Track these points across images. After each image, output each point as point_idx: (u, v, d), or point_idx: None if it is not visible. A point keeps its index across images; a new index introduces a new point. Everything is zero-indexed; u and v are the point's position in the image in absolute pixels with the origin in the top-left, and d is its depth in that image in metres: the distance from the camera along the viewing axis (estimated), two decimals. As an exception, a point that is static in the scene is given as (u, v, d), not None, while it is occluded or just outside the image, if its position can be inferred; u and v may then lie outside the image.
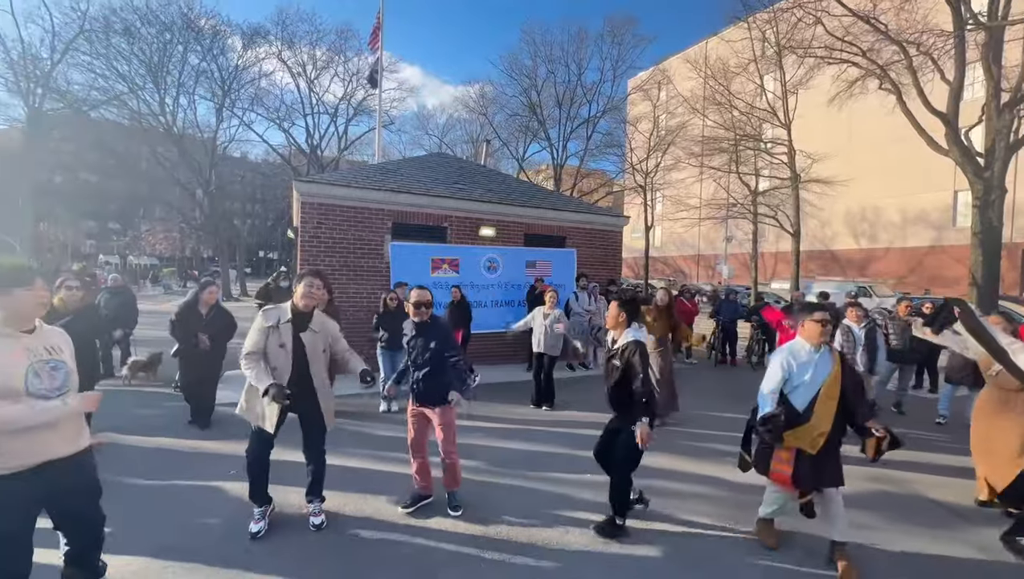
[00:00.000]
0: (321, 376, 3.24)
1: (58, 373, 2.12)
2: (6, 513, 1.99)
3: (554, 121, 29.26)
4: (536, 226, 9.76)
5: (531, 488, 4.00)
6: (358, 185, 8.13)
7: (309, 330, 3.17)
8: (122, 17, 21.29)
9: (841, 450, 3.05)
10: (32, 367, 2.04)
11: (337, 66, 27.24)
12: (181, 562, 2.85)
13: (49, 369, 2.09)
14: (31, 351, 2.06)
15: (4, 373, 1.95)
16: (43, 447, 2.06)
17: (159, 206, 30.03)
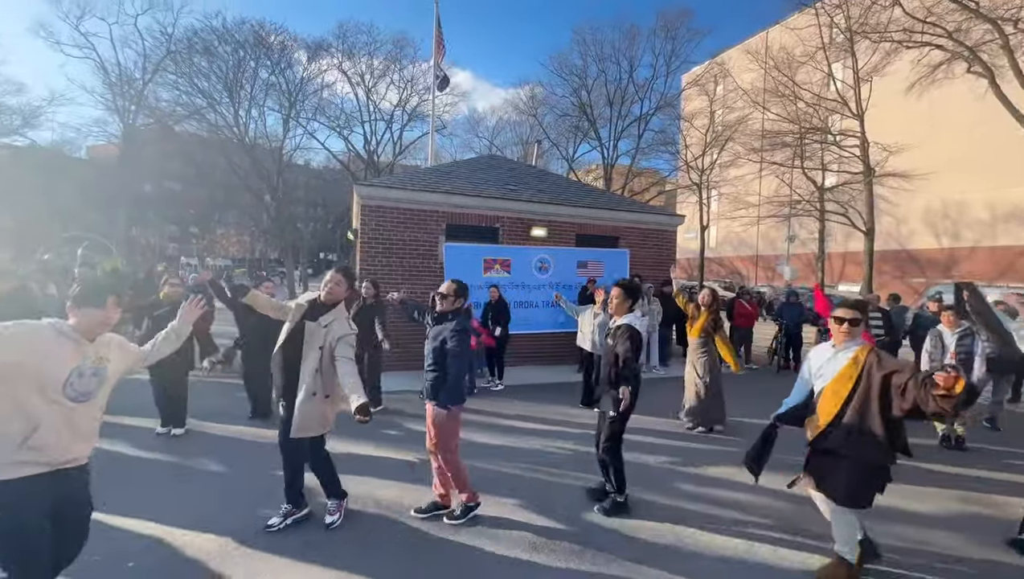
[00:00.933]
0: (310, 375, 3.04)
1: (95, 379, 2.20)
2: (35, 508, 2.01)
3: (604, 120, 28.87)
4: (588, 226, 9.68)
5: (578, 487, 3.99)
6: (413, 188, 8.40)
7: (317, 322, 3.12)
8: (203, 38, 23.22)
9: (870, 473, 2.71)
10: (78, 369, 2.14)
11: (393, 74, 28.25)
12: (249, 547, 3.06)
13: (90, 374, 2.18)
14: (84, 356, 2.18)
15: (56, 368, 2.07)
16: (67, 448, 2.10)
17: (232, 211, 32.43)
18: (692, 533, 3.34)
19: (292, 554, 2.97)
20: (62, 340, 2.13)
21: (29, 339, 2.03)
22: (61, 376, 2.07)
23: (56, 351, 2.08)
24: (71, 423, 2.10)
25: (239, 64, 23.58)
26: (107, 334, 2.32)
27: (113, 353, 2.32)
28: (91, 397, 2.19)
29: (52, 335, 2.10)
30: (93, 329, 2.22)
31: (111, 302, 2.22)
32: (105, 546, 2.89)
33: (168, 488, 3.85)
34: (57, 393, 2.05)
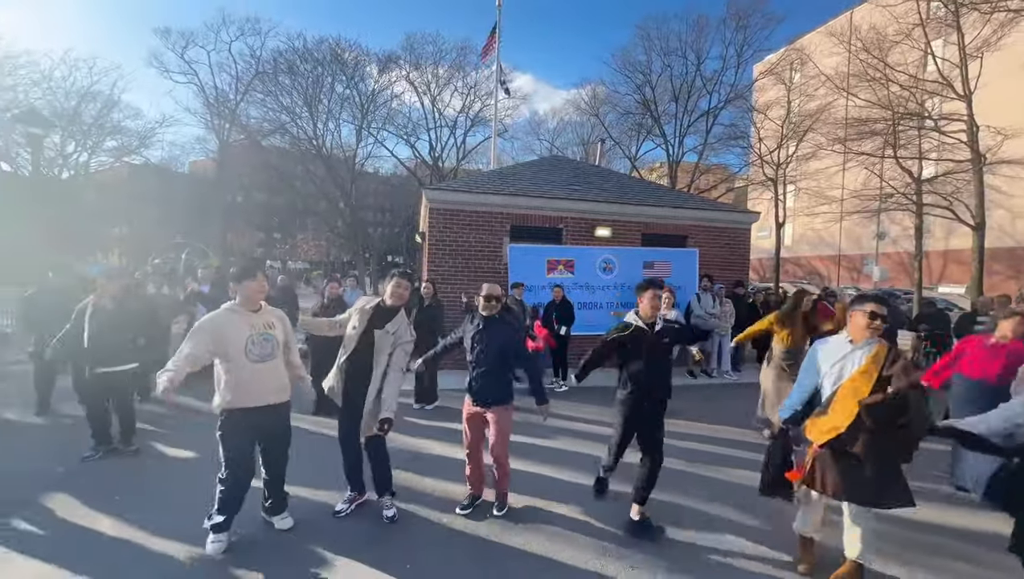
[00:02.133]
0: (379, 378, 3.21)
1: (268, 343, 3.00)
2: (240, 435, 2.95)
3: (669, 116, 27.96)
4: (654, 225, 9.44)
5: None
6: (479, 190, 8.62)
7: (384, 329, 3.24)
8: (286, 58, 25.23)
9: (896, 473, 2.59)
10: (252, 337, 2.93)
11: (456, 81, 29.09)
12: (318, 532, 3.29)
13: (262, 340, 2.97)
14: (253, 326, 2.96)
15: (236, 338, 2.88)
16: (261, 394, 2.96)
17: (310, 218, 34.86)
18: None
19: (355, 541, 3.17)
20: (234, 317, 2.93)
21: (215, 324, 2.87)
22: (241, 344, 2.88)
23: (234, 325, 2.90)
24: (261, 377, 2.94)
25: (318, 80, 25.39)
26: (268, 307, 3.06)
27: (276, 322, 3.08)
28: (271, 357, 2.98)
29: (227, 315, 2.93)
30: (253, 299, 2.98)
31: (260, 275, 3.01)
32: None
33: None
34: (242, 356, 2.87)
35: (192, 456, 4.49)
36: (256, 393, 2.94)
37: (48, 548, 2.98)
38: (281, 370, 3.08)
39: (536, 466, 4.38)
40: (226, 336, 2.86)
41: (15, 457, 4.30)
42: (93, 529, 3.21)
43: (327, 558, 2.95)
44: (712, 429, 5.51)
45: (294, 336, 3.29)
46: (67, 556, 2.91)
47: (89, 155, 25.83)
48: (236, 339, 2.88)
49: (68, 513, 3.40)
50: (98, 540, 3.09)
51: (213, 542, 2.94)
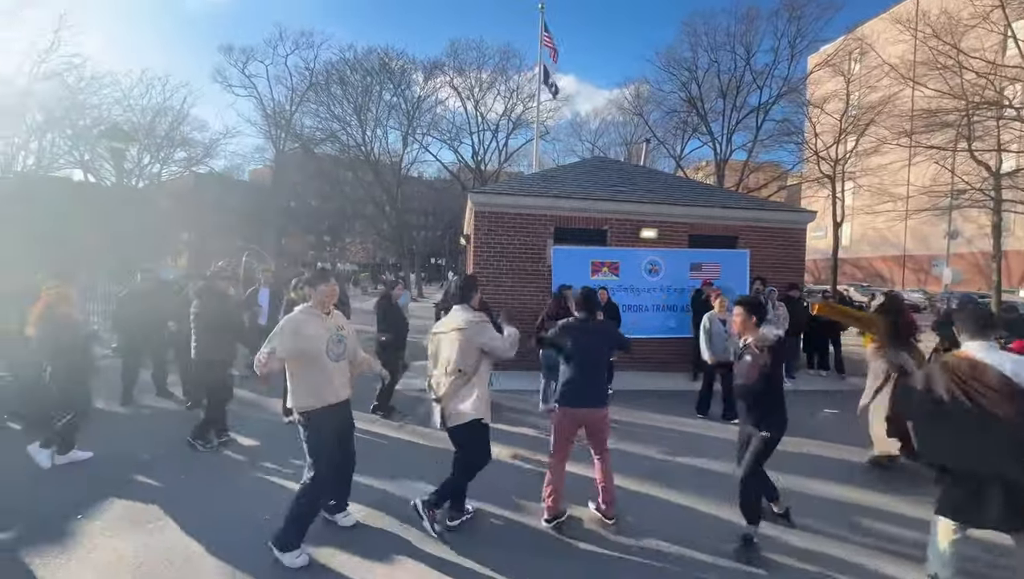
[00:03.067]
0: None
1: (342, 344, 3.16)
2: (326, 433, 3.09)
3: (716, 113, 27.15)
4: (702, 226, 9.20)
5: (686, 506, 3.83)
6: (523, 193, 8.71)
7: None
8: (338, 69, 26.42)
9: None
10: (330, 338, 3.08)
11: (499, 85, 29.44)
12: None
13: (337, 341, 3.12)
14: (328, 328, 3.10)
15: (317, 340, 3.02)
16: (338, 392, 3.12)
17: (358, 222, 36.20)
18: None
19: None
20: (311, 319, 3.07)
21: (295, 327, 3.00)
22: (321, 345, 3.02)
23: (313, 326, 3.04)
24: (337, 375, 3.12)
25: (367, 89, 26.44)
26: (335, 312, 3.23)
27: (344, 324, 3.26)
28: (344, 357, 3.18)
29: (305, 317, 3.07)
30: (325, 302, 3.13)
31: (332, 280, 3.21)
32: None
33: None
34: (323, 356, 3.02)
35: (255, 445, 4.81)
36: (335, 390, 3.12)
37: (135, 528, 3.29)
38: (347, 369, 3.27)
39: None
40: (308, 336, 3.00)
41: (104, 443, 4.73)
42: (173, 512, 3.50)
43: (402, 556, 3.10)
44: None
45: (356, 336, 3.43)
46: (155, 536, 3.21)
47: (161, 166, 27.97)
48: (317, 339, 3.02)
49: (152, 496, 3.73)
50: (178, 521, 3.38)
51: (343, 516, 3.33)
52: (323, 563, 2.92)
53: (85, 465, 4.22)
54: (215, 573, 2.82)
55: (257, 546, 2.99)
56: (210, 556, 2.98)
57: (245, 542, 3.10)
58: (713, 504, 3.72)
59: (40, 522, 3.27)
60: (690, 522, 3.51)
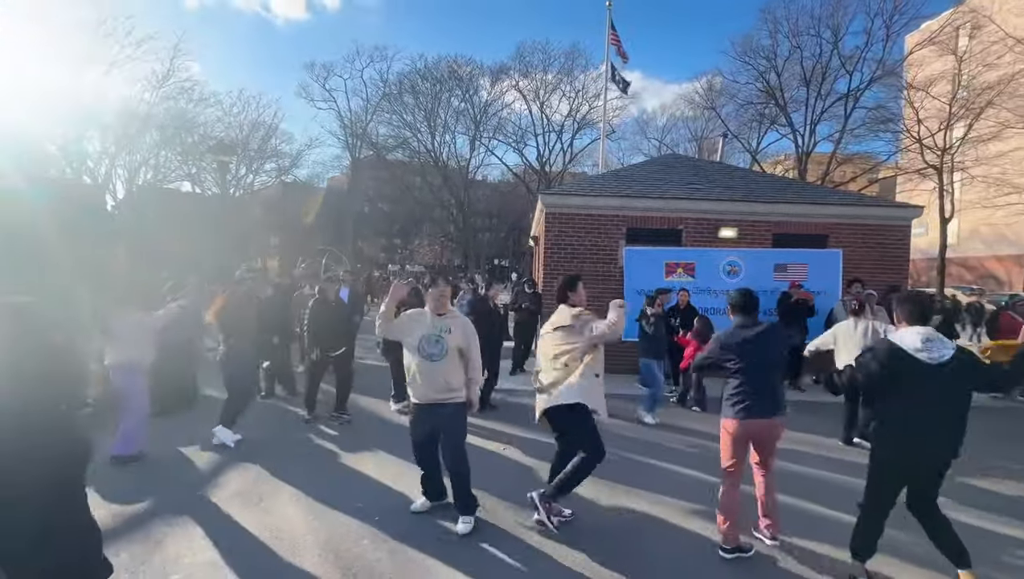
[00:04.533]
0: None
1: (439, 345, 3.22)
2: (419, 426, 3.34)
3: (798, 103, 25.36)
4: (788, 224, 8.60)
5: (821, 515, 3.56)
6: (594, 193, 8.60)
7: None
8: (409, 79, 27.67)
9: None
10: (426, 336, 3.22)
11: (564, 85, 29.37)
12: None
13: (435, 340, 3.23)
14: (433, 327, 3.26)
15: (415, 334, 3.24)
16: (427, 391, 3.23)
17: (426, 225, 37.62)
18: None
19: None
20: (422, 316, 3.31)
21: (407, 318, 3.35)
22: (416, 339, 3.22)
23: (418, 323, 3.28)
24: (430, 374, 3.20)
25: (436, 96, 27.48)
26: (455, 313, 3.44)
27: (456, 328, 3.31)
28: (439, 358, 3.20)
29: (418, 313, 3.35)
30: (438, 303, 3.32)
31: (442, 282, 3.52)
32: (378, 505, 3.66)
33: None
34: (415, 351, 3.21)
35: (339, 435, 5.12)
36: (428, 387, 3.23)
37: (246, 506, 3.62)
38: (450, 372, 3.23)
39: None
40: (411, 330, 3.28)
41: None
42: (276, 494, 3.82)
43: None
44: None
45: (476, 343, 3.42)
46: (263, 514, 3.51)
47: (253, 176, 30.67)
48: (415, 334, 3.25)
49: (259, 479, 4.09)
50: (281, 503, 3.68)
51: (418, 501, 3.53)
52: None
53: (203, 448, 4.71)
54: (317, 549, 3.04)
55: (351, 528, 3.23)
56: (310, 534, 3.21)
57: (341, 524, 3.33)
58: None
59: (169, 497, 3.68)
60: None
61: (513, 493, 3.75)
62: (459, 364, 3.30)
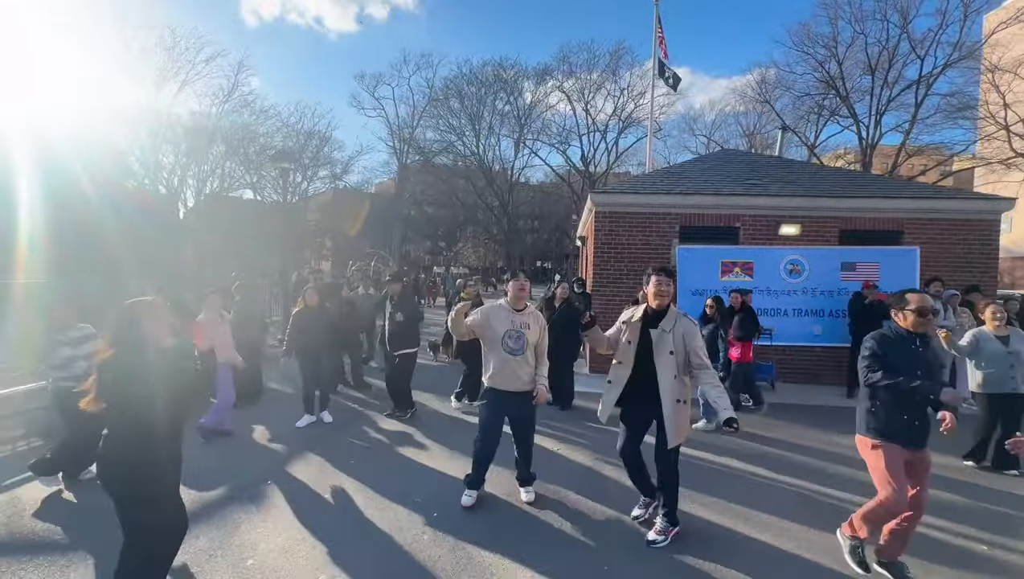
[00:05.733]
0: (668, 380, 2.98)
1: (519, 341, 3.42)
2: (493, 410, 3.50)
3: (861, 93, 23.82)
4: (856, 220, 8.07)
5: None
6: (647, 191, 8.39)
7: (659, 328, 3.03)
8: (455, 84, 28.16)
9: None
10: (508, 333, 3.41)
11: (609, 84, 28.98)
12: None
13: (516, 336, 3.42)
14: (513, 322, 3.43)
15: (498, 331, 3.41)
16: (511, 381, 3.43)
17: (470, 227, 38.10)
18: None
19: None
20: (502, 312, 3.46)
21: (487, 314, 3.45)
22: (499, 336, 3.40)
23: (499, 318, 3.43)
24: (512, 367, 3.40)
25: (481, 100, 27.83)
26: (532, 308, 3.55)
27: (533, 324, 3.48)
28: (520, 353, 3.40)
29: (498, 309, 3.47)
30: (517, 299, 3.47)
31: (522, 276, 3.55)
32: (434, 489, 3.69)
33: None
34: (499, 345, 3.39)
35: (402, 429, 5.23)
36: (507, 379, 3.41)
37: (313, 495, 3.76)
38: (528, 365, 3.45)
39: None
40: (493, 325, 3.42)
41: (279, 420, 5.50)
42: (339, 484, 3.94)
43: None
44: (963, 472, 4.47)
45: (546, 339, 3.61)
46: (328, 502, 3.63)
47: (308, 183, 32.12)
48: (498, 329, 3.41)
49: (318, 471, 4.24)
50: (343, 492, 3.80)
51: (465, 495, 3.57)
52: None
53: (272, 439, 4.95)
54: (380, 540, 3.12)
55: (412, 521, 3.31)
56: (373, 526, 3.30)
57: (401, 517, 3.40)
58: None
59: (243, 485, 3.88)
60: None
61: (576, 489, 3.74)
62: (533, 358, 3.50)
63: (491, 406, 3.54)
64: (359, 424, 5.51)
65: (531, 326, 3.47)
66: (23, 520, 3.32)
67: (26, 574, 2.75)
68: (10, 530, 3.21)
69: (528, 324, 3.47)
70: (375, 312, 6.98)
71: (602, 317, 8.05)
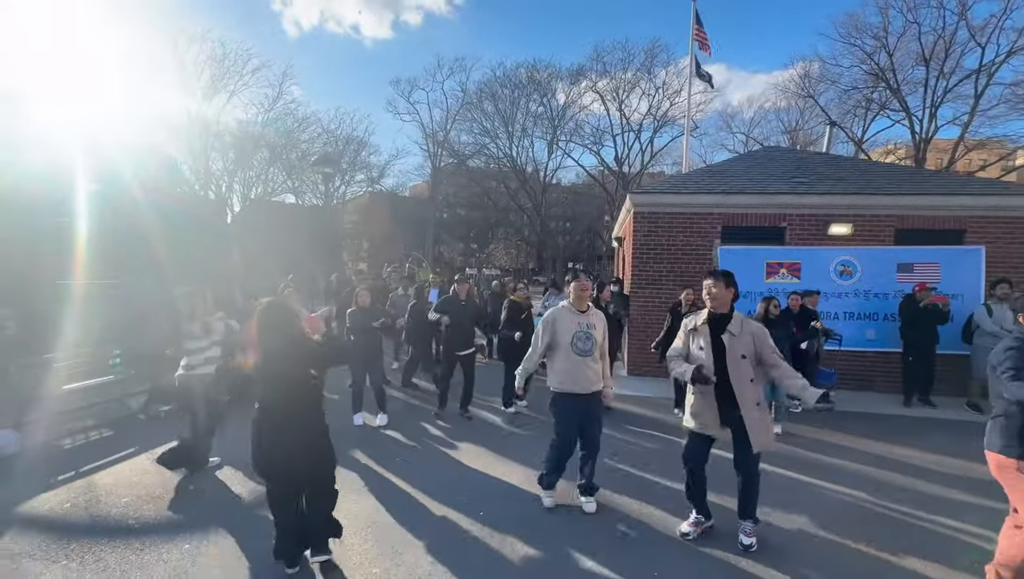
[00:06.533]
0: (745, 385, 2.91)
1: (588, 341, 3.42)
2: (567, 415, 3.45)
3: (914, 85, 22.58)
4: (913, 218, 7.65)
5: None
6: (687, 191, 8.21)
7: (727, 332, 2.97)
8: (489, 86, 28.40)
9: None
10: (577, 334, 3.40)
11: (644, 83, 28.56)
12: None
13: (584, 337, 3.41)
14: (579, 324, 3.42)
15: (566, 334, 3.40)
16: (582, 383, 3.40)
17: (501, 229, 38.29)
18: None
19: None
20: (567, 314, 3.46)
21: (553, 318, 3.47)
22: (567, 338, 3.39)
23: (566, 321, 3.43)
24: (582, 368, 3.39)
25: (514, 102, 27.96)
26: (592, 309, 3.55)
27: (598, 324, 3.49)
28: (589, 353, 3.41)
29: (563, 312, 3.48)
30: (580, 300, 3.49)
31: (583, 277, 3.55)
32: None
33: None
34: (569, 348, 3.38)
35: (450, 428, 5.30)
36: (577, 381, 3.40)
37: (354, 495, 3.85)
38: (596, 365, 3.46)
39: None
40: (560, 329, 3.43)
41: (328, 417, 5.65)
42: (387, 481, 4.03)
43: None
44: None
45: (607, 339, 3.66)
46: (374, 500, 3.72)
47: (346, 186, 33.05)
48: (566, 333, 3.40)
49: (374, 464, 4.34)
50: (391, 490, 3.87)
51: (547, 497, 3.58)
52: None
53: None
54: (428, 539, 3.16)
55: (458, 521, 3.36)
56: (421, 524, 3.35)
57: (449, 516, 3.46)
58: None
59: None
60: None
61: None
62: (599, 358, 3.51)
63: (565, 411, 3.47)
64: (407, 422, 5.60)
65: (596, 326, 3.48)
66: (99, 505, 3.55)
67: (104, 555, 2.94)
68: (89, 513, 3.43)
69: (594, 324, 3.48)
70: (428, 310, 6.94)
71: (641, 320, 8.01)
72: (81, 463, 4.24)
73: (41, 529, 3.23)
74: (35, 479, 3.89)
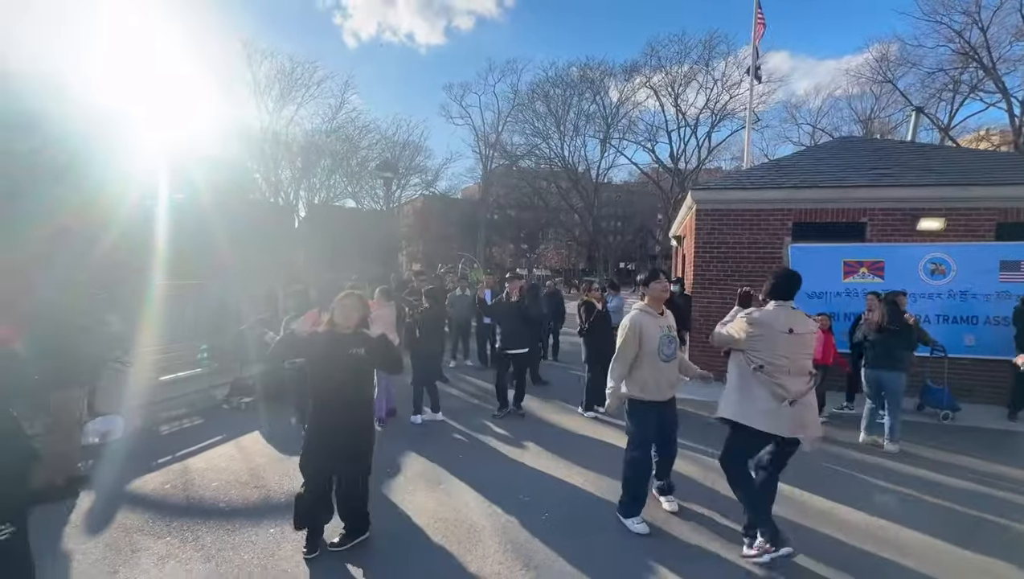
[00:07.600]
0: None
1: (672, 345, 3.29)
2: (649, 427, 3.32)
3: (1012, 62, 20.31)
4: (1018, 211, 6.88)
5: None
6: (754, 186, 7.81)
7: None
8: (541, 87, 28.43)
9: None
10: (662, 338, 3.23)
11: (701, 76, 27.53)
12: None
13: (668, 341, 3.26)
14: (661, 327, 3.26)
15: (651, 339, 3.20)
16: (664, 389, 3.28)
17: (552, 229, 38.16)
18: None
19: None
20: (647, 318, 3.26)
21: (638, 324, 3.21)
22: (654, 344, 3.20)
23: (650, 326, 3.23)
24: (666, 374, 3.27)
25: (566, 101, 27.84)
26: (667, 311, 3.40)
27: (674, 324, 3.40)
28: (673, 357, 3.30)
29: (645, 318, 3.25)
30: (658, 301, 3.31)
31: (663, 277, 3.33)
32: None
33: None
34: (656, 355, 3.20)
35: (508, 433, 5.34)
36: (662, 389, 3.26)
37: (429, 487, 3.95)
38: (676, 368, 3.38)
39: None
40: (647, 335, 3.20)
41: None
42: (454, 480, 4.11)
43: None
44: None
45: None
46: (444, 496, 3.80)
47: (401, 190, 34.17)
48: (653, 338, 3.20)
49: (437, 465, 4.46)
50: (459, 487, 3.94)
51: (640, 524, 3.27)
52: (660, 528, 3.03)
53: (386, 437, 5.30)
54: (496, 538, 3.19)
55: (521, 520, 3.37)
56: (486, 523, 3.39)
57: (512, 515, 3.47)
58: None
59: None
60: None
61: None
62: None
63: (646, 420, 3.31)
64: (469, 419, 5.69)
65: (673, 326, 3.39)
66: (194, 487, 3.86)
67: (201, 534, 3.19)
68: (186, 495, 3.74)
69: (672, 325, 3.39)
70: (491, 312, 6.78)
71: (703, 322, 7.70)
72: (177, 448, 4.63)
73: (147, 507, 3.56)
74: (139, 461, 4.29)
